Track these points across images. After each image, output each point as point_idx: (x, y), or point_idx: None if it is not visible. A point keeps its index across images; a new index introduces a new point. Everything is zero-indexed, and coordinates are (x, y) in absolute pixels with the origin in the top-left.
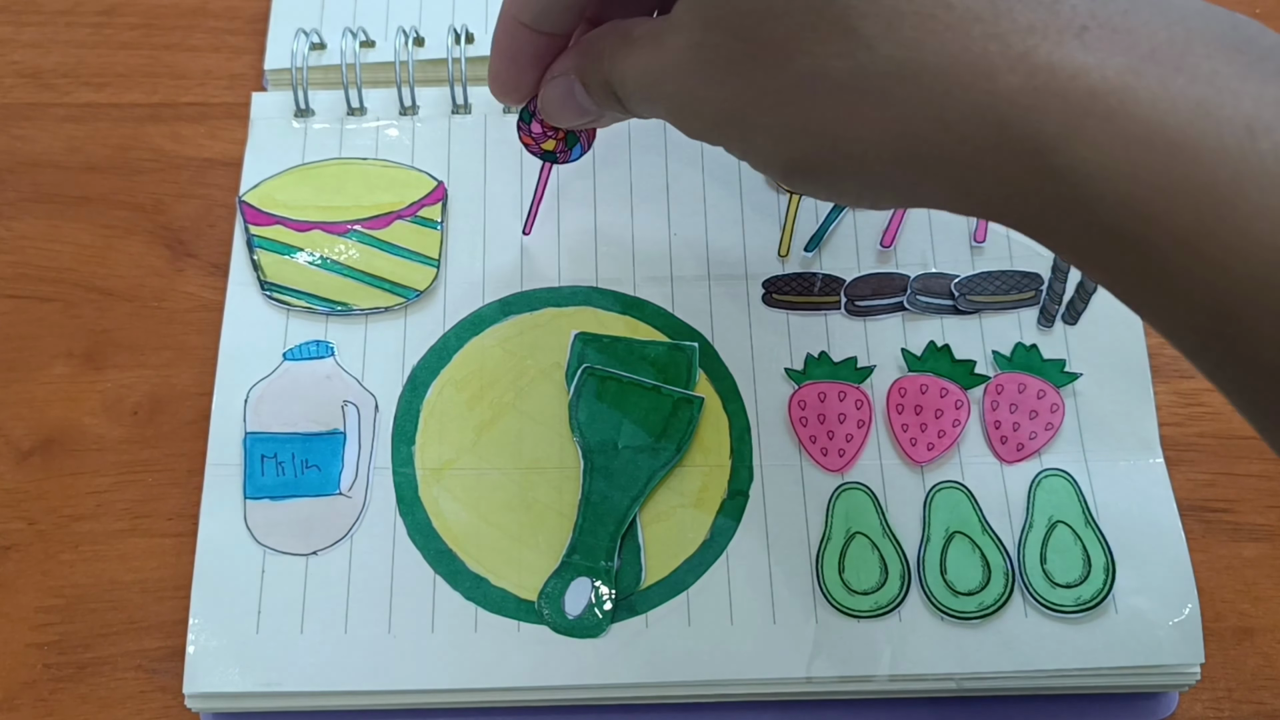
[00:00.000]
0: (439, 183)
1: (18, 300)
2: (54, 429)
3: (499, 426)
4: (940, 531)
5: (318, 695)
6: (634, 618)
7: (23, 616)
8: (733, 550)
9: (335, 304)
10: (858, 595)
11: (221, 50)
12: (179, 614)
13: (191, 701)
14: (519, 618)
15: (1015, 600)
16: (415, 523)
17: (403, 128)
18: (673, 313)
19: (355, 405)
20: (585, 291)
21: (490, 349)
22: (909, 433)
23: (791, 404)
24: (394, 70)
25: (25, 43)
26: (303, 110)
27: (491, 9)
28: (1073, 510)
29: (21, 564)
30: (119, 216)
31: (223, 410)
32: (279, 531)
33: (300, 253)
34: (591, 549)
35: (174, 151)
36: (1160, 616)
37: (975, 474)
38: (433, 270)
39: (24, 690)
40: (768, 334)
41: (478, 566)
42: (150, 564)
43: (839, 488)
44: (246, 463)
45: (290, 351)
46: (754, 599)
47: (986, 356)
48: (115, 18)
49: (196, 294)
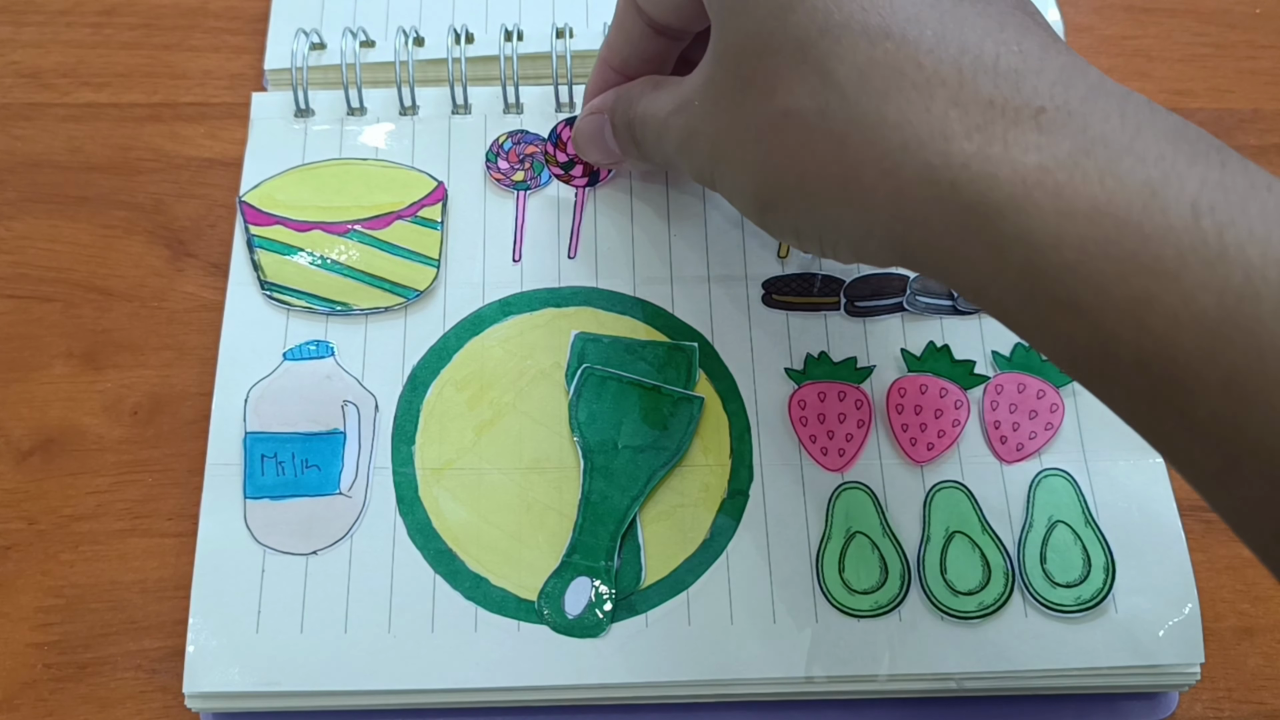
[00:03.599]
0: (439, 183)
1: (18, 300)
2: (54, 429)
3: (499, 426)
4: (940, 531)
5: (317, 695)
6: (634, 617)
7: (23, 616)
8: (733, 550)
9: (335, 304)
10: (858, 595)
11: (221, 50)
12: (179, 614)
13: (191, 701)
14: (519, 618)
15: (1015, 600)
16: (415, 523)
17: (403, 128)
18: (673, 313)
19: (355, 405)
20: (585, 292)
21: (490, 349)
22: (909, 433)
23: (791, 404)
24: (394, 70)
25: (25, 43)
26: (303, 110)
27: (492, 9)
28: (1073, 510)
29: (21, 564)
30: (119, 216)
31: (223, 410)
32: (279, 531)
33: (300, 253)
34: (591, 549)
35: (174, 151)
36: (1160, 616)
37: (975, 474)
38: (433, 270)
39: (24, 690)
40: (768, 334)
41: (478, 566)
42: (150, 564)
43: (839, 487)
44: (246, 462)
45: (290, 351)
46: (754, 599)
47: (986, 356)
48: (115, 18)
49: (196, 294)
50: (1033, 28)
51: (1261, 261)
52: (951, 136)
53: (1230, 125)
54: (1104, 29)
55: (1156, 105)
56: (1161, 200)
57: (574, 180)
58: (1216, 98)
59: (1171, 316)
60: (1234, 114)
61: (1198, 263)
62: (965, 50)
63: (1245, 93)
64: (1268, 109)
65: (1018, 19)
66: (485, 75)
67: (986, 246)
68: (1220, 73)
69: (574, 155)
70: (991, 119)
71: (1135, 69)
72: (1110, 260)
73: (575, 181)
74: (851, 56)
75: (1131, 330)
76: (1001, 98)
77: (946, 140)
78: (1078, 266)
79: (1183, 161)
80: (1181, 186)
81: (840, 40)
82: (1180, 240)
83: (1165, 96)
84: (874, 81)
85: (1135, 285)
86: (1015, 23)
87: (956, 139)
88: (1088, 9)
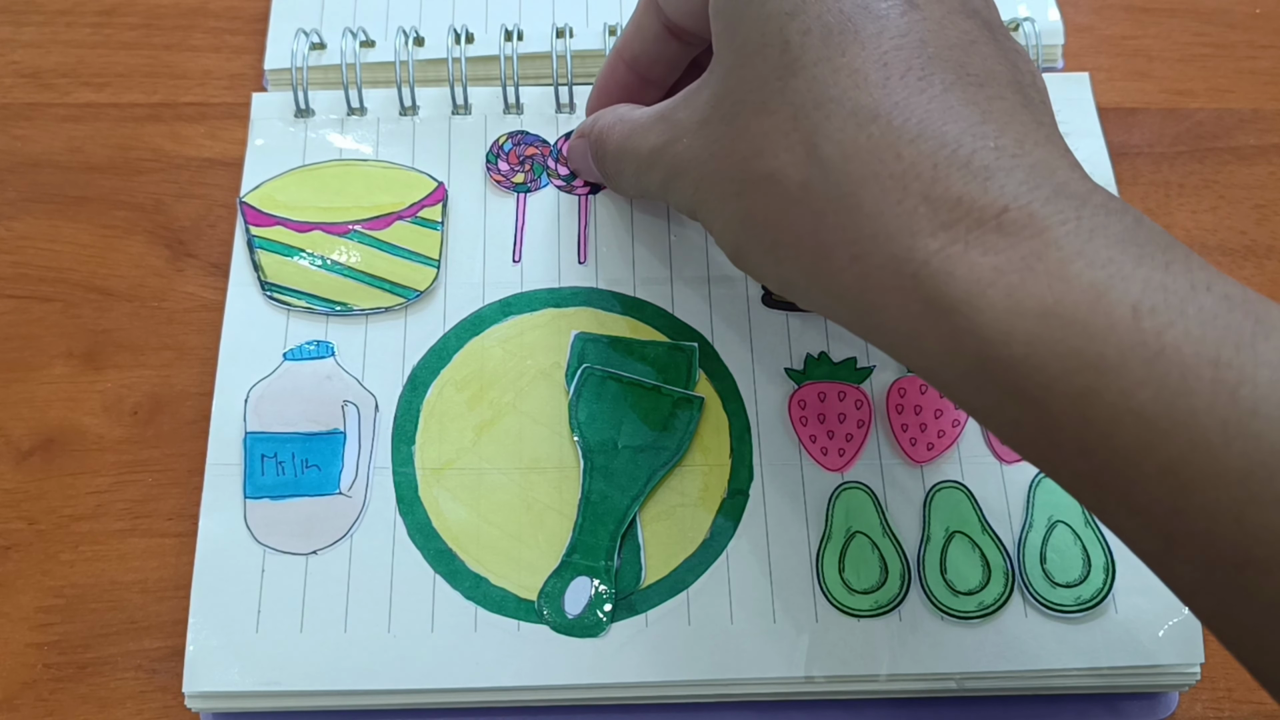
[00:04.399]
0: (439, 183)
1: (18, 300)
2: (54, 429)
3: (499, 426)
4: (940, 531)
5: (317, 695)
6: (634, 617)
7: (23, 616)
8: (733, 550)
9: (335, 304)
10: (858, 594)
11: (221, 50)
12: (179, 614)
13: (191, 701)
14: (519, 617)
15: (1015, 600)
16: (415, 522)
17: (403, 128)
18: (673, 313)
19: (355, 405)
20: (585, 292)
21: (490, 349)
22: (909, 432)
23: (791, 404)
24: (394, 70)
25: (25, 43)
26: (303, 110)
27: (492, 9)
28: (1073, 510)
29: (21, 564)
30: (119, 216)
31: (223, 410)
32: (279, 531)
33: (301, 253)
34: (591, 548)
35: (174, 151)
36: (1160, 616)
37: (975, 474)
38: (433, 271)
39: (24, 690)
40: (768, 334)
41: (478, 566)
42: (150, 564)
43: (839, 487)
44: (246, 462)
45: (290, 351)
46: (754, 598)
47: None
48: (115, 18)
49: (196, 294)
50: (1018, 113)
51: (1195, 361)
52: (918, 232)
53: (1230, 125)
54: (1104, 29)
55: (1115, 203)
56: (1106, 302)
57: (576, 190)
58: (1216, 98)
59: (1112, 409)
60: (1234, 114)
61: (1137, 361)
62: (944, 145)
63: (1245, 93)
64: (1268, 109)
65: (1004, 105)
66: (485, 75)
67: (941, 337)
68: (1220, 73)
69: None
70: (958, 218)
71: (1135, 69)
72: (1056, 356)
73: (578, 191)
74: (839, 135)
75: (1075, 421)
76: (969, 196)
77: (913, 236)
78: (1025, 361)
79: (1129, 264)
80: (1125, 289)
81: (830, 117)
82: (1121, 340)
83: (1165, 96)
84: (855, 166)
85: (1079, 380)
86: (1000, 110)
87: (922, 235)
88: (1088, 9)
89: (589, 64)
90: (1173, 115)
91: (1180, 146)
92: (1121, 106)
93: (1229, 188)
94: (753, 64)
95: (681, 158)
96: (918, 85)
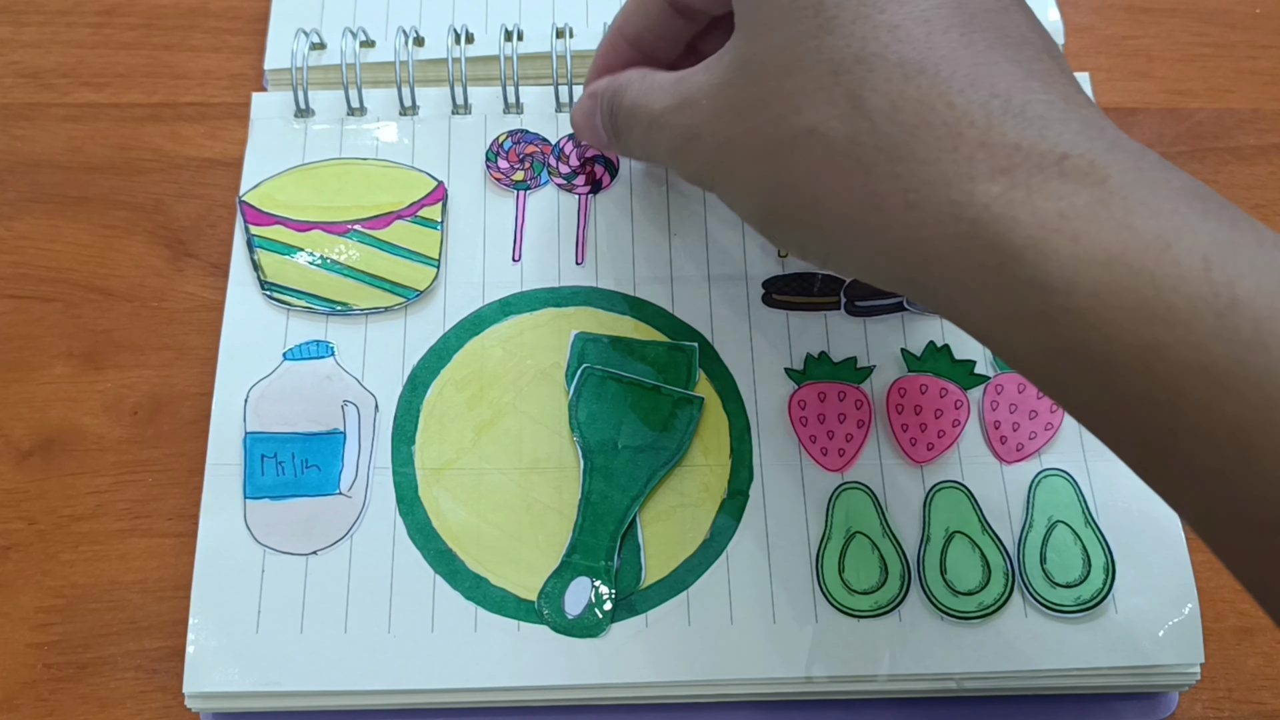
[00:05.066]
0: (439, 183)
1: (18, 300)
2: (54, 429)
3: (499, 426)
4: (940, 531)
5: (317, 695)
6: (634, 617)
7: (23, 616)
8: (733, 550)
9: (335, 304)
10: (858, 595)
11: (221, 50)
12: (179, 614)
13: (191, 701)
14: (519, 618)
15: (1015, 600)
16: (415, 523)
17: (403, 127)
18: (673, 313)
19: (355, 405)
20: (585, 291)
21: (490, 349)
22: (909, 433)
23: (791, 404)
24: (394, 70)
25: (25, 43)
26: (303, 110)
27: (492, 9)
28: (1073, 510)
29: (21, 564)
30: (119, 216)
31: (223, 410)
32: (279, 531)
33: (300, 253)
34: (591, 549)
35: (174, 151)
36: (1160, 616)
37: (975, 474)
38: (433, 270)
39: (24, 690)
40: (767, 334)
41: (478, 566)
42: (150, 564)
43: (839, 487)
44: (246, 462)
45: (290, 351)
46: (754, 598)
47: (986, 356)
48: (115, 18)
49: (196, 294)
50: (1059, 76)
51: (1270, 314)
52: (977, 177)
53: (1230, 125)
54: (1104, 29)
55: (1169, 163)
56: (1175, 252)
57: (576, 189)
58: (1216, 98)
59: (1181, 365)
60: (1234, 114)
61: (1209, 313)
62: (995, 94)
63: (1245, 93)
64: (1268, 109)
65: (1045, 65)
66: (485, 75)
67: (1001, 286)
68: (1220, 73)
69: (576, 167)
70: (1017, 163)
71: (1135, 69)
72: (1124, 308)
73: (578, 190)
74: (885, 87)
75: (1140, 377)
76: (1028, 143)
77: (971, 180)
78: (1089, 312)
79: (1195, 217)
80: (1194, 239)
81: (874, 70)
82: (1192, 290)
83: (1165, 96)
84: (905, 115)
85: (1146, 333)
86: (1042, 70)
87: (981, 180)
88: (1088, 9)
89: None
90: (1173, 115)
91: (1180, 146)
92: (1121, 106)
93: (1229, 188)
94: (783, 26)
95: (698, 120)
96: (961, 40)
